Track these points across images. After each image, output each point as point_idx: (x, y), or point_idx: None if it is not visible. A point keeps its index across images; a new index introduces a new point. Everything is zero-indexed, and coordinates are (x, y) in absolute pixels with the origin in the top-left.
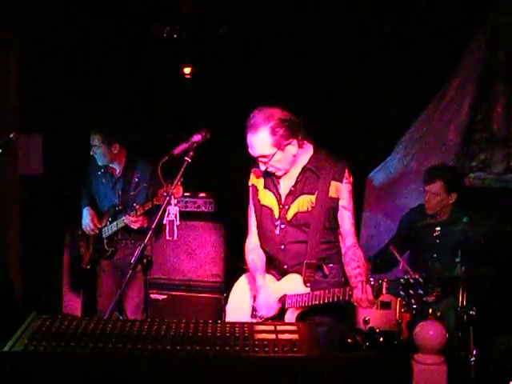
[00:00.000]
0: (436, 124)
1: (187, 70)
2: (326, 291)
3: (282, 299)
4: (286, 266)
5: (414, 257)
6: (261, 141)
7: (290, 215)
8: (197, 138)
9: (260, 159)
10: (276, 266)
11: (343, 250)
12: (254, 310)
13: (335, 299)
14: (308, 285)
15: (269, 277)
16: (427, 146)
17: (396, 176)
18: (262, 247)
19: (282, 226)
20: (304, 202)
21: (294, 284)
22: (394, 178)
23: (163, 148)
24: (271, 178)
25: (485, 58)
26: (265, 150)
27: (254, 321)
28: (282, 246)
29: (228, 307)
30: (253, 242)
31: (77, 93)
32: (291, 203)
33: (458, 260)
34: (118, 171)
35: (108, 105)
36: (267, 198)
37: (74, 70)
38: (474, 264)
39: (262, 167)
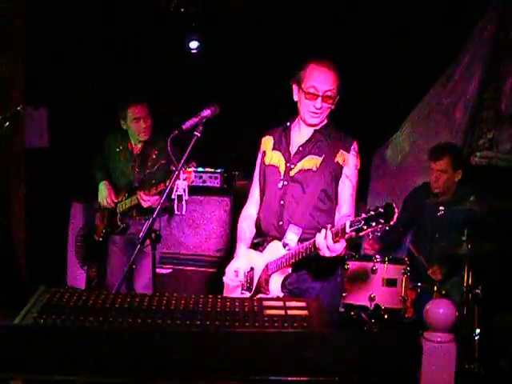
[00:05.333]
0: (444, 102)
1: (194, 45)
2: (300, 246)
3: (265, 268)
4: (281, 223)
5: (418, 235)
6: (333, 75)
7: (293, 172)
8: (206, 112)
9: (327, 93)
10: (272, 229)
11: (336, 219)
12: (242, 287)
13: (309, 252)
14: (287, 248)
15: (253, 252)
16: (434, 123)
17: (402, 153)
18: (259, 214)
19: (285, 183)
20: (310, 162)
21: (274, 250)
22: (400, 155)
23: (173, 124)
24: (284, 138)
25: (494, 36)
26: (334, 86)
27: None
28: (282, 202)
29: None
30: (249, 210)
31: (83, 66)
32: (297, 161)
33: (463, 238)
34: (138, 148)
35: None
36: (274, 158)
37: (79, 42)
38: (479, 242)
39: (318, 104)
